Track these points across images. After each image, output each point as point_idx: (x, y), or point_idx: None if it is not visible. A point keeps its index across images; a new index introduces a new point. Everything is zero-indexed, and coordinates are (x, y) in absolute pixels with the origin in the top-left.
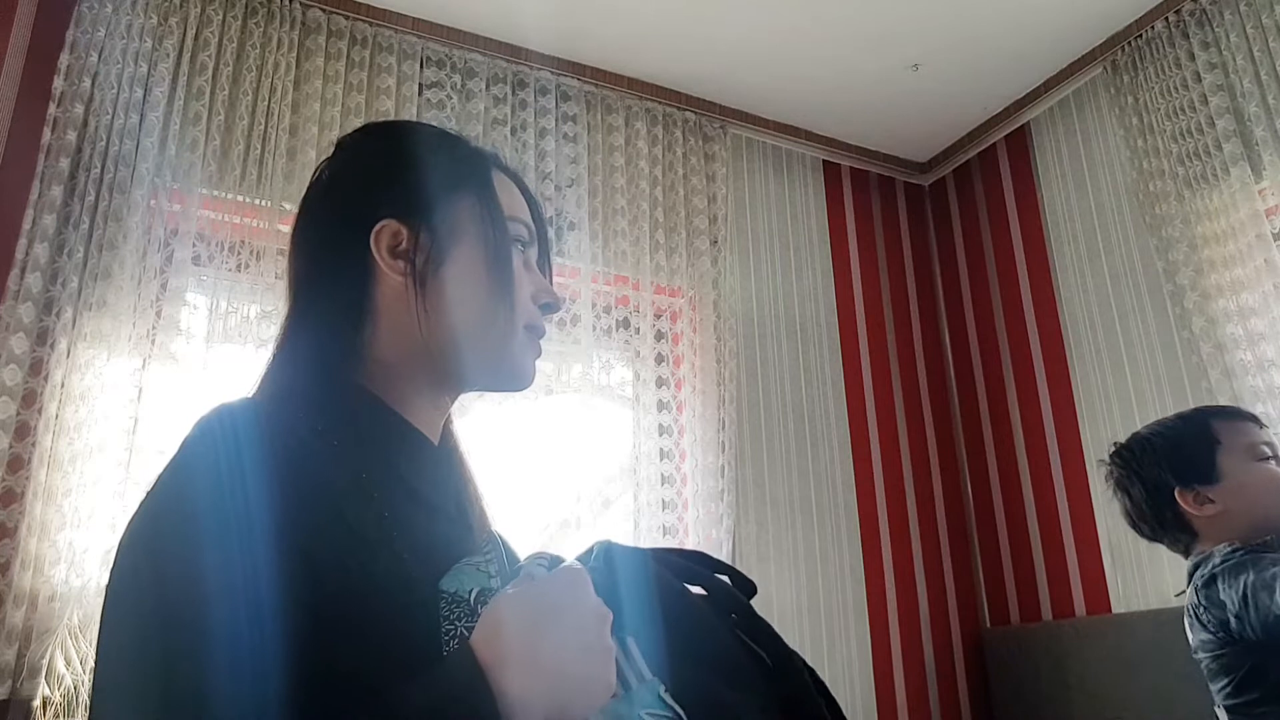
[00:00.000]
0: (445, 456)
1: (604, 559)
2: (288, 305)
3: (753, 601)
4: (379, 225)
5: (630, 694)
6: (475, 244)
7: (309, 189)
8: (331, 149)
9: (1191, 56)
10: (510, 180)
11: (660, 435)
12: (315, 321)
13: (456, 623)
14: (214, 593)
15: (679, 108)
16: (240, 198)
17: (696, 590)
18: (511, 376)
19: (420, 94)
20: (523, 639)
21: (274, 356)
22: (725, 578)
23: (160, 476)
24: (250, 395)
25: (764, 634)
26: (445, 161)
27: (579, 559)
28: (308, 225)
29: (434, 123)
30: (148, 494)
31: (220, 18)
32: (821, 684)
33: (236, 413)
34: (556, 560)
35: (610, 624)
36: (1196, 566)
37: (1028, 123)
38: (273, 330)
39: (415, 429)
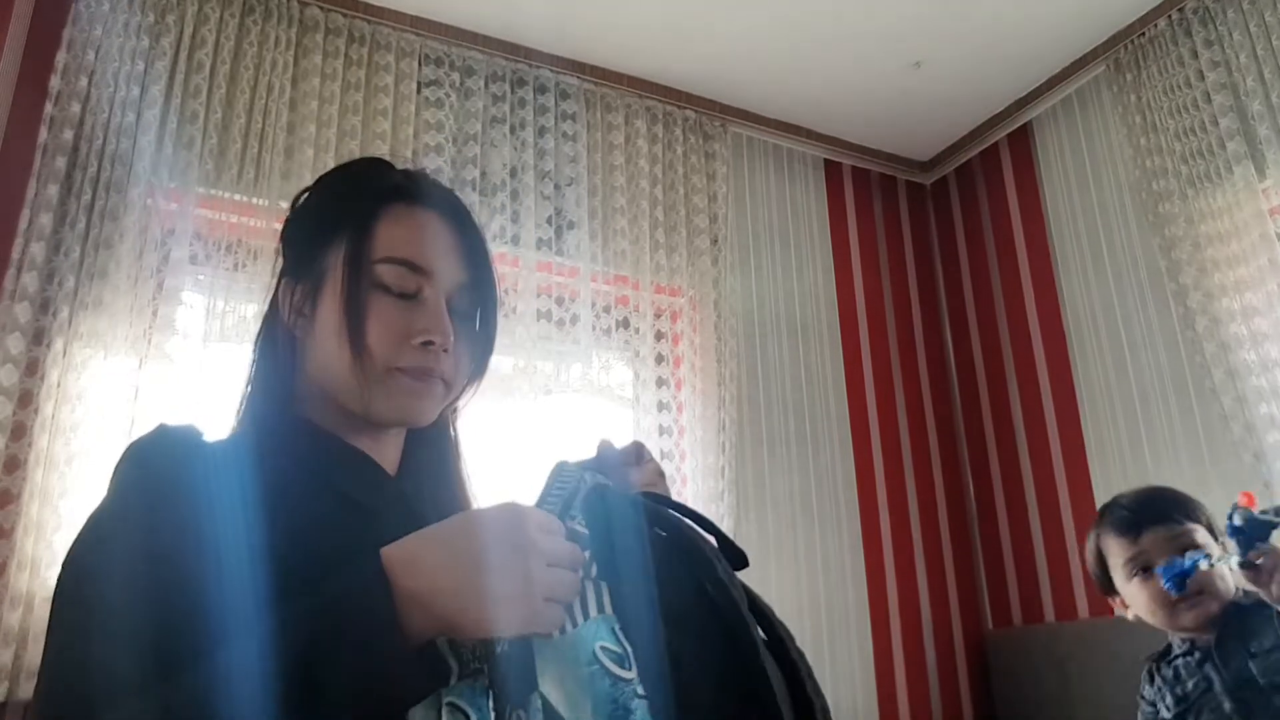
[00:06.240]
0: (400, 479)
1: (592, 500)
2: (251, 351)
3: None
4: (283, 283)
5: (589, 623)
6: (335, 293)
7: None
8: (329, 147)
9: (1194, 55)
10: (421, 210)
11: (660, 435)
12: (259, 367)
13: None
14: (200, 553)
15: (679, 106)
16: (237, 196)
17: (684, 549)
18: (386, 418)
19: (419, 92)
20: (436, 547)
21: (240, 401)
22: (714, 540)
23: (118, 476)
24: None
25: (724, 593)
26: (323, 210)
27: (566, 483)
28: None
29: (432, 121)
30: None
31: (217, 15)
32: (795, 665)
33: (178, 428)
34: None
35: (544, 560)
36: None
37: (1030, 121)
38: None
39: (353, 448)
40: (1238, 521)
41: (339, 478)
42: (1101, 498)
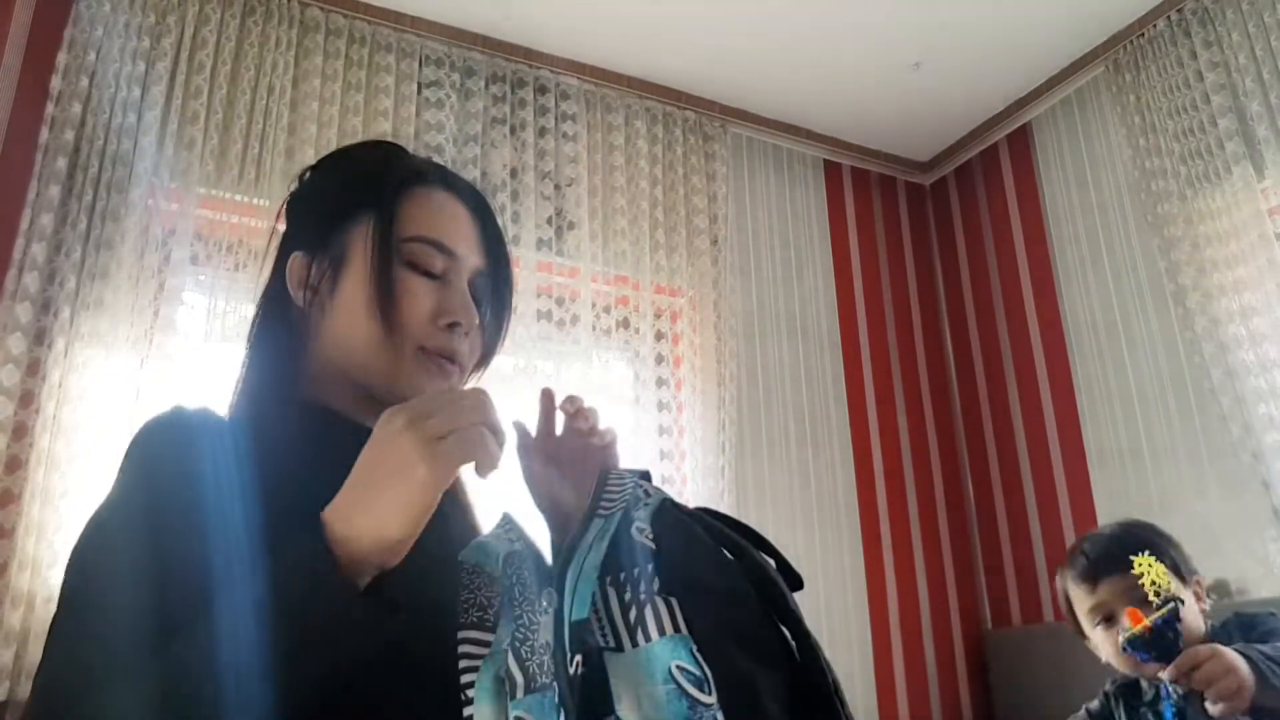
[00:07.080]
0: None
1: (659, 514)
2: (249, 332)
3: None
4: (291, 258)
5: (664, 640)
6: (362, 269)
7: None
8: (329, 147)
9: (1193, 55)
10: (443, 193)
11: (660, 435)
12: (260, 347)
13: (476, 592)
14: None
15: (679, 107)
16: (238, 197)
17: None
18: (407, 400)
19: (419, 93)
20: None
21: (236, 384)
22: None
23: (141, 441)
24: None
25: (797, 624)
26: (345, 186)
27: (622, 505)
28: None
29: (432, 122)
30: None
31: (218, 16)
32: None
33: (194, 410)
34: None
35: (418, 415)
36: None
37: (1029, 122)
38: None
39: (367, 429)
40: (1136, 648)
41: (352, 459)
42: (1100, 497)
